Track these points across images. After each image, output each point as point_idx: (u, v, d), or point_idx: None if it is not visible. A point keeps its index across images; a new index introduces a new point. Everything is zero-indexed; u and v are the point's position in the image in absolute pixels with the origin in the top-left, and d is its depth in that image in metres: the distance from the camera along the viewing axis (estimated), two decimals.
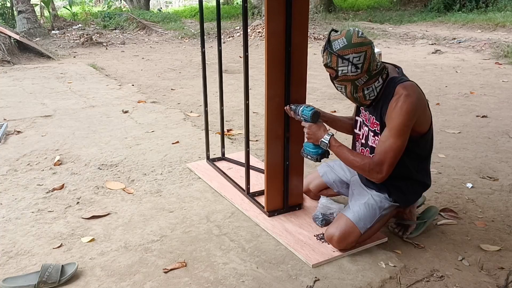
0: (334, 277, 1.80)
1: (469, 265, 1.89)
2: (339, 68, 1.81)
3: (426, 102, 1.92)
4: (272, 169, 2.18)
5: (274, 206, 2.25)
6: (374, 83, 1.86)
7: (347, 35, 1.79)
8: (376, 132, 1.93)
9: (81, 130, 3.74)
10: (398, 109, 1.77)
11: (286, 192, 2.25)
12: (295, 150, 2.18)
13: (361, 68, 1.80)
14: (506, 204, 2.42)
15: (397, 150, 1.80)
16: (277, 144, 2.14)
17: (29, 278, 1.78)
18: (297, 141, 2.18)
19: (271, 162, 2.16)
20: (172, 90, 5.37)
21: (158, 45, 10.17)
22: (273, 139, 2.13)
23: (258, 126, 3.85)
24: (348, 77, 1.82)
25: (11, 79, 5.97)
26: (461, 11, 12.64)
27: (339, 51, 1.78)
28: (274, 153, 2.16)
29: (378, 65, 1.85)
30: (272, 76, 2.03)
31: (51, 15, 13.33)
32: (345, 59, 1.78)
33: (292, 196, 2.28)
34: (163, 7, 23.67)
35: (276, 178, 2.20)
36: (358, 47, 1.77)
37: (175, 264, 1.90)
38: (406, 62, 6.81)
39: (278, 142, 2.14)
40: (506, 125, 3.74)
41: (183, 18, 15.86)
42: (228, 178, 2.68)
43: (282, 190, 2.24)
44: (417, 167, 1.97)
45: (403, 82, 1.83)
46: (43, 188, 2.66)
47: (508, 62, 6.59)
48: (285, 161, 2.18)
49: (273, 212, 2.25)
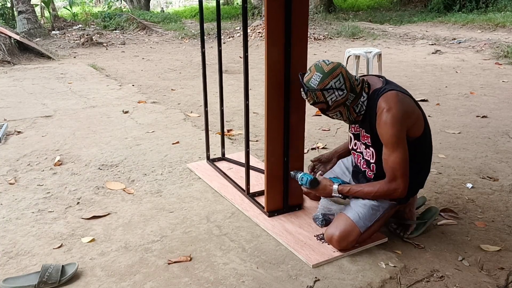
0: (334, 277, 1.80)
1: (469, 265, 1.89)
2: (328, 98, 1.88)
3: (414, 105, 1.93)
4: (272, 169, 2.18)
5: (274, 206, 2.25)
6: (360, 99, 1.92)
7: (317, 68, 1.87)
8: (367, 145, 1.99)
9: (82, 131, 3.75)
10: (383, 124, 1.82)
11: (286, 192, 2.25)
12: (295, 149, 2.18)
13: (345, 88, 1.87)
14: (506, 204, 2.42)
15: (402, 160, 1.84)
16: (277, 144, 2.14)
17: (29, 278, 1.79)
18: (297, 141, 2.18)
19: (271, 162, 2.16)
20: (172, 91, 5.38)
21: (158, 46, 10.17)
22: (273, 139, 2.13)
23: (258, 126, 3.85)
24: (339, 101, 1.89)
25: (12, 80, 5.97)
26: (461, 12, 12.63)
27: (319, 85, 1.86)
28: (274, 153, 2.16)
29: (358, 79, 1.93)
30: (272, 78, 2.03)
31: (51, 15, 13.33)
32: (329, 88, 1.86)
33: (292, 197, 2.28)
34: (163, 7, 23.68)
35: (276, 178, 2.20)
36: (333, 73, 1.86)
37: (180, 257, 1.92)
38: (406, 63, 6.81)
39: (278, 142, 2.14)
40: (506, 125, 3.74)
41: (183, 18, 15.86)
42: (228, 178, 2.68)
43: (282, 190, 2.24)
44: (417, 169, 1.97)
45: (383, 94, 1.86)
46: (43, 188, 2.66)
47: (508, 62, 6.58)
48: (285, 161, 2.18)
49: (273, 212, 2.25)
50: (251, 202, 2.40)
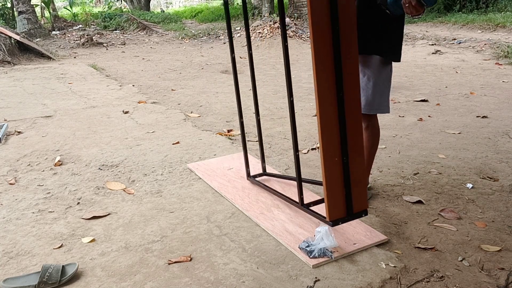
0: (334, 278, 1.80)
1: (469, 266, 1.89)
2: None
3: None
4: (331, 174, 1.90)
5: (337, 215, 1.97)
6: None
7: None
8: None
9: (82, 131, 3.75)
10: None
11: (349, 199, 1.96)
12: (354, 146, 1.90)
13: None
14: (506, 204, 2.42)
15: None
16: (333, 144, 1.87)
17: (29, 278, 1.79)
18: (356, 137, 1.92)
19: (328, 165, 1.89)
20: (173, 91, 5.38)
21: (158, 46, 10.18)
22: (328, 138, 1.86)
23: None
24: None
25: (12, 80, 5.97)
26: (461, 12, 12.63)
27: None
28: (331, 154, 1.88)
29: None
30: (321, 62, 1.78)
31: (52, 15, 13.35)
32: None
33: (357, 203, 1.98)
34: (163, 7, 23.69)
35: (336, 185, 1.92)
36: None
37: (180, 257, 1.92)
38: (406, 63, 6.81)
39: (334, 140, 1.87)
40: (506, 126, 3.74)
41: (183, 18, 15.88)
42: (276, 193, 2.48)
43: (345, 196, 1.95)
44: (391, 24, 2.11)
45: None
46: (44, 188, 2.66)
47: (508, 62, 6.59)
48: (344, 161, 1.91)
49: (337, 221, 1.97)
50: (306, 213, 2.20)
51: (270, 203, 2.39)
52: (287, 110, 4.25)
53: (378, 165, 2.94)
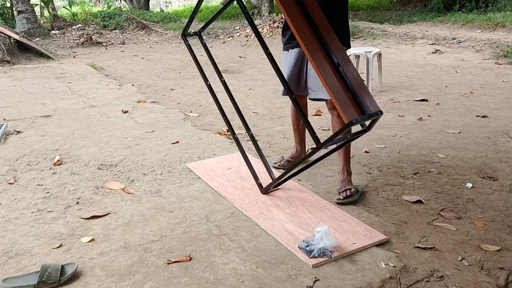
0: (334, 277, 1.80)
1: (469, 265, 1.89)
2: None
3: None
4: (330, 81, 1.90)
5: (352, 115, 1.88)
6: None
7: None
8: None
9: (81, 130, 3.74)
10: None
11: (357, 101, 1.91)
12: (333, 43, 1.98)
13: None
14: (506, 204, 2.42)
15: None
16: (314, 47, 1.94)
17: (28, 278, 1.78)
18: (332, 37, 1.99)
19: (322, 70, 1.91)
20: (172, 90, 5.37)
21: (157, 45, 10.17)
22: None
23: (258, 126, 3.85)
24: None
25: (11, 79, 5.97)
26: (461, 11, 12.64)
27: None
28: (319, 58, 1.93)
29: None
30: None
31: (51, 15, 13.34)
32: None
33: (367, 105, 1.93)
34: (162, 7, 23.66)
35: (339, 89, 1.91)
36: None
37: (179, 257, 1.92)
38: (406, 62, 6.81)
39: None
40: (506, 125, 3.74)
41: (182, 18, 15.86)
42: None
43: (352, 98, 1.92)
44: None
45: None
46: (43, 188, 2.66)
47: (508, 62, 6.58)
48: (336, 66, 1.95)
49: (353, 122, 1.88)
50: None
51: (270, 203, 2.39)
52: (287, 109, 4.25)
53: (378, 164, 2.94)
